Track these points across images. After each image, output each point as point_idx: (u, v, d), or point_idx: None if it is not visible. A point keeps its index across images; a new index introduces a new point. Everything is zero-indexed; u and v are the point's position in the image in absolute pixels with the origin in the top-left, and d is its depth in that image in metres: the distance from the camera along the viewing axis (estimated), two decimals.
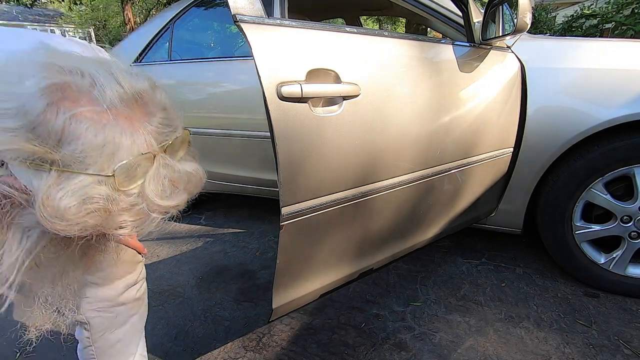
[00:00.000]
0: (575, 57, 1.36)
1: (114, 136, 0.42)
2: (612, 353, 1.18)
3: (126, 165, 0.43)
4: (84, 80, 0.43)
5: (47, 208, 0.42)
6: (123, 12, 11.81)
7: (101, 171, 0.42)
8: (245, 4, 0.80)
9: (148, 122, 0.46)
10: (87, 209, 0.43)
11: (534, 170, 1.42)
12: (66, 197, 0.41)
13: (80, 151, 0.41)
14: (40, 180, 0.42)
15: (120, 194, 0.44)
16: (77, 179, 0.42)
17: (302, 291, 1.04)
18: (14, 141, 0.40)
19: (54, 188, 0.41)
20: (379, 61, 1.02)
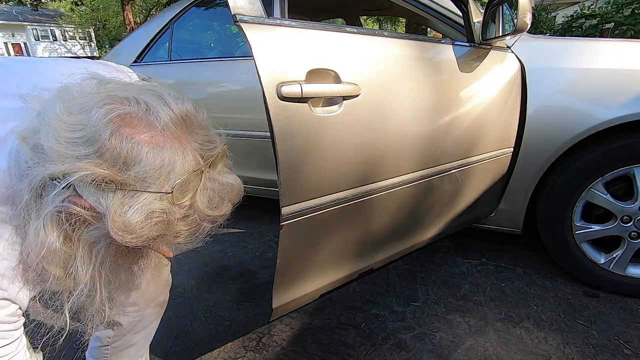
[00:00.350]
0: (575, 57, 1.36)
1: (170, 157, 0.48)
2: (612, 353, 1.18)
3: (181, 182, 0.49)
4: (139, 107, 0.49)
5: (117, 223, 0.47)
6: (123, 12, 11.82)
7: (161, 189, 0.48)
8: (245, 4, 0.80)
9: (194, 140, 0.51)
10: (151, 222, 0.48)
11: (534, 170, 1.42)
12: (133, 213, 0.47)
13: (143, 172, 0.47)
14: (107, 199, 0.47)
15: (176, 207, 0.50)
16: (142, 197, 0.47)
17: (302, 291, 1.04)
18: (86, 166, 0.45)
19: (122, 206, 0.47)
20: (379, 61, 1.02)
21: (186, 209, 0.51)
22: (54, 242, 0.50)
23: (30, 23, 27.17)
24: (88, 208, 0.49)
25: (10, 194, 0.51)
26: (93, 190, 0.47)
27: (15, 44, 27.28)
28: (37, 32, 27.95)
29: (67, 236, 0.51)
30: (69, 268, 0.53)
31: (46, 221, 0.49)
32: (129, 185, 0.47)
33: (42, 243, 0.50)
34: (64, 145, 0.46)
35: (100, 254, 0.54)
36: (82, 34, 29.37)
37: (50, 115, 0.48)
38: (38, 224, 0.50)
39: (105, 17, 22.88)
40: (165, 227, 0.50)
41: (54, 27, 28.44)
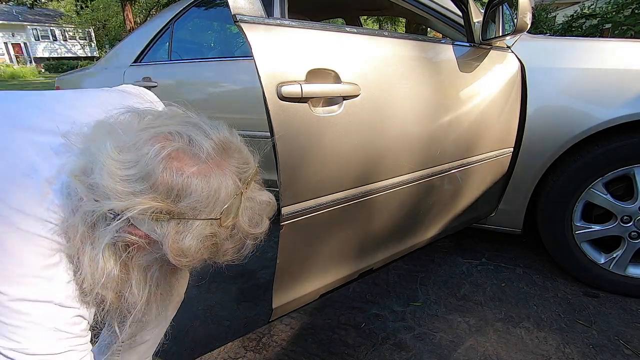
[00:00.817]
0: (575, 57, 1.36)
1: (216, 184, 0.52)
2: (612, 353, 1.18)
3: (227, 207, 0.53)
4: (183, 141, 0.52)
5: (174, 250, 0.52)
6: (123, 12, 11.81)
7: (210, 215, 0.52)
8: (245, 4, 0.80)
9: (232, 164, 0.55)
10: (204, 246, 0.53)
11: (534, 170, 1.42)
12: (188, 240, 0.52)
13: (194, 202, 0.51)
14: (163, 228, 0.52)
15: (222, 229, 0.54)
16: (194, 224, 0.52)
17: (302, 291, 1.04)
18: (144, 201, 0.49)
19: (177, 234, 0.52)
20: (379, 61, 1.02)
21: (230, 230, 0.55)
22: (112, 269, 0.55)
23: (30, 23, 27.17)
24: (142, 236, 0.53)
25: (64, 227, 0.54)
26: (148, 221, 0.51)
27: (16, 44, 27.29)
28: (37, 32, 27.95)
29: (122, 263, 0.56)
30: (124, 292, 0.58)
31: (104, 251, 0.53)
32: (182, 215, 0.51)
33: (102, 271, 0.54)
34: (120, 183, 0.50)
35: (154, 276, 0.60)
36: (82, 34, 29.36)
37: (102, 154, 0.51)
38: (95, 253, 0.53)
39: (105, 17, 22.88)
40: (215, 249, 0.55)
41: (54, 27, 28.44)
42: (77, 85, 2.62)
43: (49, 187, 0.54)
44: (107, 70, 2.34)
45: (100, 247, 0.53)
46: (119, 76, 2.23)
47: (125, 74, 2.23)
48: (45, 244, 0.53)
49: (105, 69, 2.36)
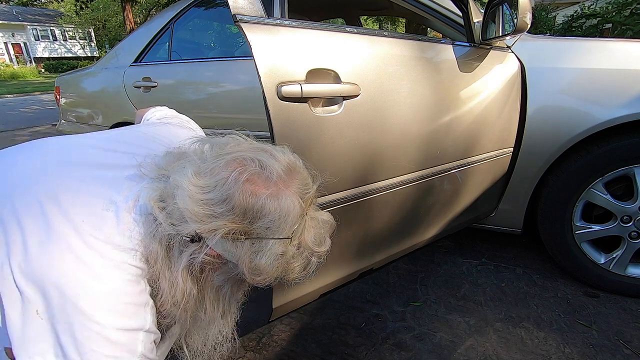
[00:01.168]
0: (575, 57, 1.36)
1: (285, 205, 0.54)
2: (612, 353, 1.18)
3: (297, 227, 0.56)
4: (255, 165, 0.55)
5: (250, 268, 0.55)
6: (123, 12, 11.80)
7: (281, 234, 0.55)
8: (245, 4, 0.80)
9: (295, 185, 0.57)
10: (277, 264, 0.56)
11: (534, 170, 1.42)
12: (263, 258, 0.54)
13: (268, 222, 0.54)
14: (237, 248, 0.55)
15: (291, 248, 0.57)
16: (268, 244, 0.54)
17: (302, 291, 1.04)
18: (223, 223, 0.53)
19: (253, 253, 0.54)
20: (379, 61, 1.02)
21: (297, 248, 0.58)
22: (191, 290, 0.58)
23: (31, 23, 27.16)
24: (217, 257, 0.56)
25: (146, 253, 0.57)
26: (225, 242, 0.54)
27: (15, 44, 27.28)
28: (37, 32, 27.93)
29: (199, 284, 0.59)
30: (200, 312, 0.61)
31: (183, 273, 0.56)
32: (257, 235, 0.54)
33: (182, 292, 0.57)
34: (201, 207, 0.53)
35: (227, 294, 0.63)
36: (82, 34, 29.35)
37: (184, 179, 0.54)
38: (175, 276, 0.56)
39: (105, 17, 22.87)
40: (285, 266, 0.58)
41: (54, 27, 28.41)
42: (77, 85, 2.62)
43: (129, 216, 0.57)
44: (107, 70, 2.34)
45: (179, 270, 0.56)
46: (119, 76, 2.23)
47: (125, 73, 2.23)
48: (134, 271, 0.55)
49: (106, 69, 2.36)
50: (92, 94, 2.52)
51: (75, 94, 2.65)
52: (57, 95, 2.73)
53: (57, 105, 2.76)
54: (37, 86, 14.58)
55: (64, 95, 2.69)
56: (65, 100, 2.68)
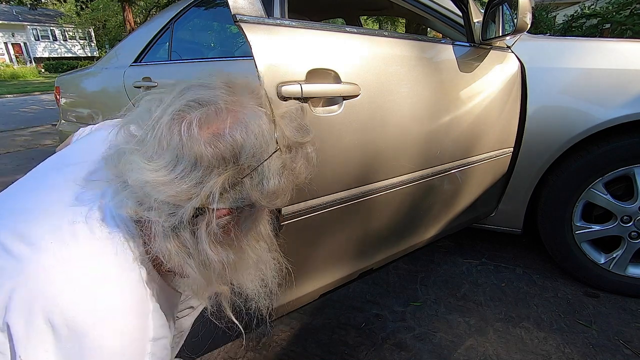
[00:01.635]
0: (575, 57, 1.36)
1: (253, 123, 0.51)
2: (612, 353, 1.18)
3: (276, 135, 0.53)
4: (194, 109, 0.50)
5: (265, 200, 0.52)
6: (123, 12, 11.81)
7: (269, 151, 0.51)
8: (245, 4, 0.80)
9: (248, 98, 0.54)
10: (284, 178, 0.53)
11: (534, 170, 1.42)
12: (270, 183, 0.51)
13: (250, 150, 0.50)
14: (241, 192, 0.51)
15: (284, 154, 0.54)
16: (264, 168, 0.51)
17: (302, 291, 1.04)
18: (213, 183, 0.48)
19: (257, 186, 0.51)
20: (379, 61, 1.02)
21: (289, 152, 0.55)
22: (228, 255, 0.55)
23: (31, 23, 27.16)
24: (228, 212, 0.53)
25: (150, 257, 0.54)
26: (226, 198, 0.51)
27: (15, 44, 27.28)
28: (37, 32, 27.93)
29: (231, 244, 0.55)
30: (245, 263, 0.59)
31: (210, 248, 0.53)
32: (249, 167, 0.50)
33: (221, 264, 0.54)
34: (180, 185, 0.48)
35: (261, 231, 0.61)
36: (82, 34, 29.36)
37: (142, 174, 0.48)
38: (203, 256, 0.53)
39: (105, 17, 22.87)
40: (292, 174, 0.55)
41: (54, 27, 28.42)
42: (77, 85, 2.62)
43: (103, 230, 0.52)
44: (107, 70, 2.34)
45: (204, 248, 0.52)
46: (119, 76, 2.23)
47: (125, 74, 2.23)
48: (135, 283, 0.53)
49: (106, 69, 2.36)
50: (92, 94, 2.52)
51: (75, 94, 2.65)
52: (57, 95, 2.73)
53: (57, 105, 2.76)
54: (37, 86, 14.58)
55: (64, 95, 2.69)
56: (65, 100, 2.69)
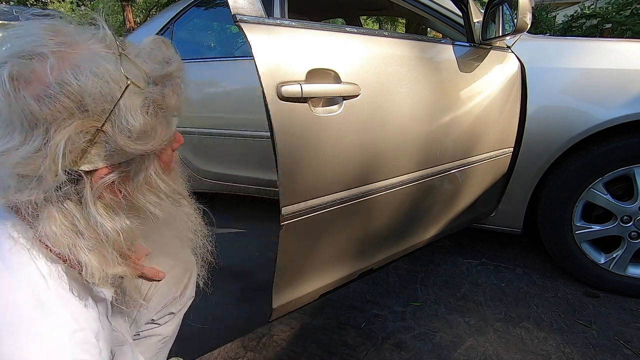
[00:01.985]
0: (575, 57, 1.36)
1: (89, 63, 0.46)
2: (612, 353, 1.18)
3: (123, 69, 0.48)
4: (12, 63, 0.44)
5: (139, 143, 0.49)
6: (123, 12, 11.80)
7: (120, 87, 0.47)
8: (245, 4, 0.80)
9: (78, 37, 0.49)
10: (150, 114, 0.49)
11: (534, 170, 1.42)
12: (135, 122, 0.47)
13: (95, 93, 0.45)
14: (108, 143, 0.48)
15: (144, 89, 0.50)
16: (121, 109, 0.47)
17: (302, 291, 1.04)
18: (59, 141, 0.44)
19: (121, 130, 0.47)
20: (379, 61, 1.02)
21: (147, 84, 0.50)
22: (122, 222, 0.51)
23: None
24: (109, 169, 0.49)
25: (38, 240, 0.49)
26: (92, 151, 0.47)
27: None
28: None
29: (123, 208, 0.52)
30: (149, 223, 0.55)
31: (101, 218, 0.49)
32: (102, 112, 0.46)
33: (115, 232, 0.50)
34: (22, 153, 0.43)
35: (156, 181, 0.55)
36: None
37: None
38: (93, 229, 0.49)
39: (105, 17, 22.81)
40: (160, 107, 0.51)
41: None
42: None
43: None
44: None
45: (94, 218, 0.48)
46: None
47: None
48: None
49: None
50: None
51: None
52: None
53: None
54: None
55: None
56: None
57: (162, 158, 0.57)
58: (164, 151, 0.58)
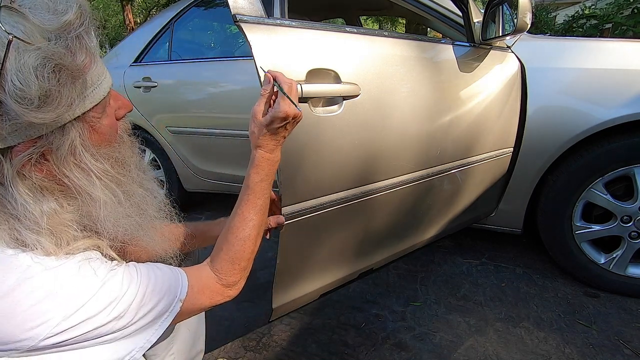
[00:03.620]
0: (575, 57, 1.36)
1: None
2: (612, 353, 1.18)
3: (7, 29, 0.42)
4: None
5: (37, 110, 0.42)
6: (123, 12, 11.80)
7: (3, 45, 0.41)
8: (245, 4, 0.79)
9: None
10: (50, 75, 0.43)
11: (534, 170, 1.42)
12: (25, 84, 0.41)
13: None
14: (8, 108, 0.42)
15: (42, 45, 0.43)
16: (5, 73, 0.40)
17: (302, 291, 1.04)
18: None
19: (13, 95, 0.41)
20: (379, 61, 1.02)
21: (49, 37, 0.43)
22: (50, 206, 0.47)
23: None
24: (28, 144, 0.45)
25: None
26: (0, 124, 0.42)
27: None
28: None
29: (50, 190, 0.48)
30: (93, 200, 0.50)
31: (19, 195, 0.45)
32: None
33: (42, 215, 0.47)
34: None
35: (85, 156, 0.49)
36: None
37: None
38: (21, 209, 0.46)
39: (105, 17, 22.88)
40: (58, 68, 0.43)
41: None
42: None
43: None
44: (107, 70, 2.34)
45: (17, 199, 0.45)
46: (119, 76, 2.24)
47: (125, 74, 2.23)
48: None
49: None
50: None
51: None
52: None
53: None
54: None
55: None
56: None
57: (95, 128, 0.50)
58: (97, 120, 0.51)
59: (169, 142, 2.17)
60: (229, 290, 0.69)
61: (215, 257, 0.70)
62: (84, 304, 0.47)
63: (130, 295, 0.51)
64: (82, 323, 0.46)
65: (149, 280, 0.55)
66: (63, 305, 0.46)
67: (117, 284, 0.50)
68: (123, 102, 0.57)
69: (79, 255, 0.50)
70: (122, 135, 0.58)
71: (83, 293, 0.47)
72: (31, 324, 0.44)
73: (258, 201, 0.71)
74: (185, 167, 2.19)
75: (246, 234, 0.70)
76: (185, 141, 2.12)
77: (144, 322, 0.53)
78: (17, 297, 0.44)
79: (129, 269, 0.54)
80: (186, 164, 2.18)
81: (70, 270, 0.48)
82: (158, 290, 0.55)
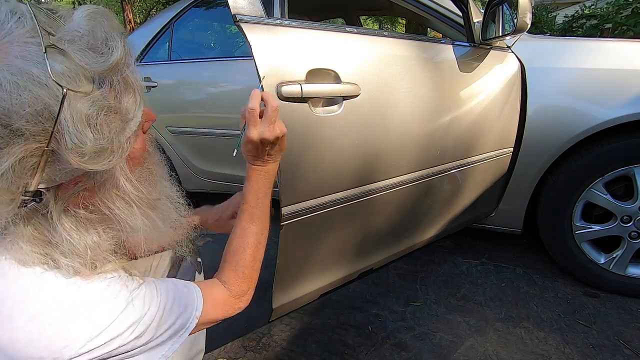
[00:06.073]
0: (575, 57, 1.36)
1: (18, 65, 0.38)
2: (612, 353, 1.18)
3: (59, 72, 0.40)
4: None
5: (90, 161, 0.41)
6: (123, 12, 11.79)
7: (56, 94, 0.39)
8: (245, 4, 0.79)
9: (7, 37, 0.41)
10: (103, 123, 0.42)
11: (534, 170, 1.42)
12: (78, 139, 0.40)
13: (29, 109, 0.38)
14: (61, 157, 0.41)
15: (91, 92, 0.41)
16: (61, 119, 0.39)
17: (302, 291, 1.04)
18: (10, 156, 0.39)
19: (67, 147, 0.40)
20: (379, 61, 1.02)
21: (92, 82, 0.41)
22: (92, 239, 0.48)
23: None
24: (73, 183, 0.44)
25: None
26: (47, 173, 0.41)
27: None
28: None
29: (94, 224, 0.48)
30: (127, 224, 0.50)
31: (65, 231, 0.45)
32: (44, 132, 0.38)
33: (87, 249, 0.47)
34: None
35: (125, 186, 0.49)
36: None
37: None
38: (68, 248, 0.46)
39: None
40: (115, 110, 0.42)
41: None
42: None
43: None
44: None
45: (61, 226, 0.45)
46: None
47: None
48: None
49: None
50: None
51: None
52: None
53: None
54: None
55: None
56: None
57: (131, 155, 0.50)
58: (132, 147, 0.50)
59: (169, 142, 2.17)
60: (239, 301, 0.76)
61: (221, 268, 0.74)
62: (109, 324, 0.48)
63: (151, 315, 0.52)
64: (106, 344, 0.47)
65: (167, 298, 0.56)
66: (90, 326, 0.47)
67: (140, 305, 0.51)
68: (148, 115, 0.54)
69: (108, 276, 0.51)
70: (149, 150, 0.57)
71: (109, 315, 0.48)
72: (59, 345, 0.45)
73: (255, 210, 0.75)
74: (185, 167, 2.19)
75: (245, 242, 0.75)
76: (185, 141, 2.12)
77: (162, 340, 0.55)
78: (48, 318, 0.45)
79: (150, 287, 0.55)
80: (186, 164, 2.18)
81: (98, 292, 0.49)
82: (176, 308, 0.57)
